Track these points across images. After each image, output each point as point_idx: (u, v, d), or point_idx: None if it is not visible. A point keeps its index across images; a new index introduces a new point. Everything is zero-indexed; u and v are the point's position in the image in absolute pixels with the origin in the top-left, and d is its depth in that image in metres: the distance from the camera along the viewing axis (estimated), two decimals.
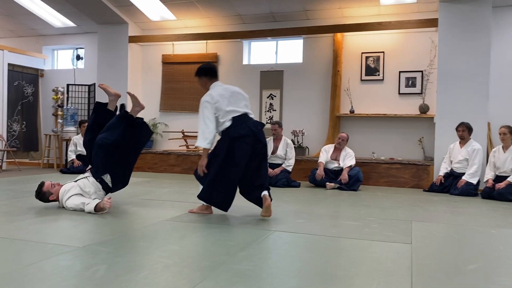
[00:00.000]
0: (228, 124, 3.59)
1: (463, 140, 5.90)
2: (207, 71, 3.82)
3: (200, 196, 3.76)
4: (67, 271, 2.17)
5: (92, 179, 3.90)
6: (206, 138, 3.59)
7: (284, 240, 2.97)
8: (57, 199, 3.90)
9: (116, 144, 3.80)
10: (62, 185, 3.95)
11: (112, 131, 3.82)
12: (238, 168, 3.57)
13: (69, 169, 7.45)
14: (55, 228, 3.17)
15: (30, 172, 7.76)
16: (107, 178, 3.89)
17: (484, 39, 6.13)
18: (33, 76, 9.20)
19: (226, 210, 3.71)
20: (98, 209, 3.65)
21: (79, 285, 1.97)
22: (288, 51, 8.10)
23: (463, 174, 5.77)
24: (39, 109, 9.30)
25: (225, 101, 3.63)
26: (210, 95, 3.67)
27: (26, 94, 9.04)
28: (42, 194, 3.89)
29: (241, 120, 3.61)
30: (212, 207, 3.84)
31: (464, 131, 5.85)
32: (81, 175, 4.01)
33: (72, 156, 7.55)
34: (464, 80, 6.20)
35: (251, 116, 3.71)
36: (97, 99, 8.40)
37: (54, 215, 3.63)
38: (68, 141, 8.27)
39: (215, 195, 3.65)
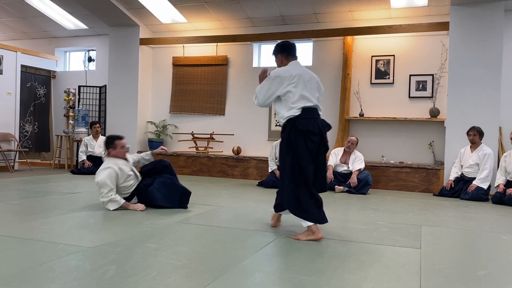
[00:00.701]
0: (296, 113, 3.10)
1: (474, 145, 5.85)
2: (283, 48, 3.39)
3: (292, 210, 3.11)
4: (77, 271, 2.19)
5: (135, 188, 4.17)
6: (256, 99, 3.29)
7: (292, 243, 2.97)
8: (113, 155, 4.14)
9: None
10: (128, 158, 4.24)
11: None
12: (308, 164, 3.08)
13: (79, 170, 7.52)
14: (65, 228, 3.21)
15: (41, 172, 7.85)
16: None
17: (496, 43, 6.08)
18: (45, 78, 9.31)
19: (325, 221, 3.08)
20: (124, 207, 3.99)
21: (89, 285, 1.99)
22: (298, 54, 8.08)
23: (474, 178, 5.71)
24: (51, 110, 9.41)
25: (301, 83, 3.14)
26: (287, 70, 3.20)
27: (38, 95, 9.16)
28: (111, 142, 4.15)
29: (311, 114, 3.16)
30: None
31: (475, 136, 5.81)
32: (134, 179, 4.18)
33: (82, 157, 7.63)
34: (475, 84, 6.15)
35: (320, 113, 3.26)
36: (108, 101, 8.52)
37: (65, 215, 3.67)
38: (79, 142, 8.36)
39: (306, 204, 3.03)
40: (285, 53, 3.38)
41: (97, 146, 7.73)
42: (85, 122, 8.61)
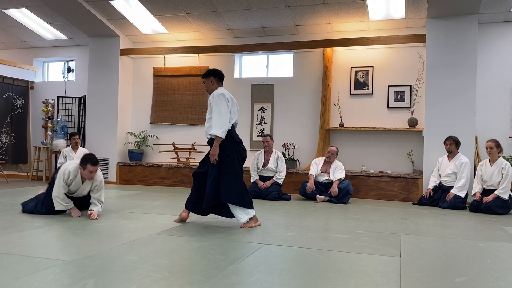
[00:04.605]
0: (230, 127, 3.90)
1: (451, 154, 5.97)
2: (217, 73, 4.04)
3: (233, 201, 3.85)
4: (55, 285, 2.14)
5: None
6: (222, 127, 3.80)
7: (274, 253, 2.97)
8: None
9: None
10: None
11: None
12: (241, 168, 4.00)
13: None
14: (42, 242, 3.14)
15: (18, 184, 7.68)
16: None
17: (470, 55, 6.25)
18: (23, 88, 9.16)
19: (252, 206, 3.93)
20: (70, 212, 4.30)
21: None
22: (278, 65, 8.17)
23: (452, 187, 5.82)
24: (29, 121, 9.25)
25: (234, 105, 3.96)
26: (224, 94, 3.86)
27: (16, 106, 9.00)
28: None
29: (235, 129, 4.03)
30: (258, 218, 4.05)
31: (452, 145, 5.93)
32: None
33: None
34: (451, 94, 6.30)
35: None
36: (87, 112, 8.41)
37: (42, 228, 3.59)
38: (57, 153, 8.22)
39: (245, 193, 3.87)
40: (217, 77, 4.01)
41: (76, 158, 7.59)
42: (64, 133, 8.49)
